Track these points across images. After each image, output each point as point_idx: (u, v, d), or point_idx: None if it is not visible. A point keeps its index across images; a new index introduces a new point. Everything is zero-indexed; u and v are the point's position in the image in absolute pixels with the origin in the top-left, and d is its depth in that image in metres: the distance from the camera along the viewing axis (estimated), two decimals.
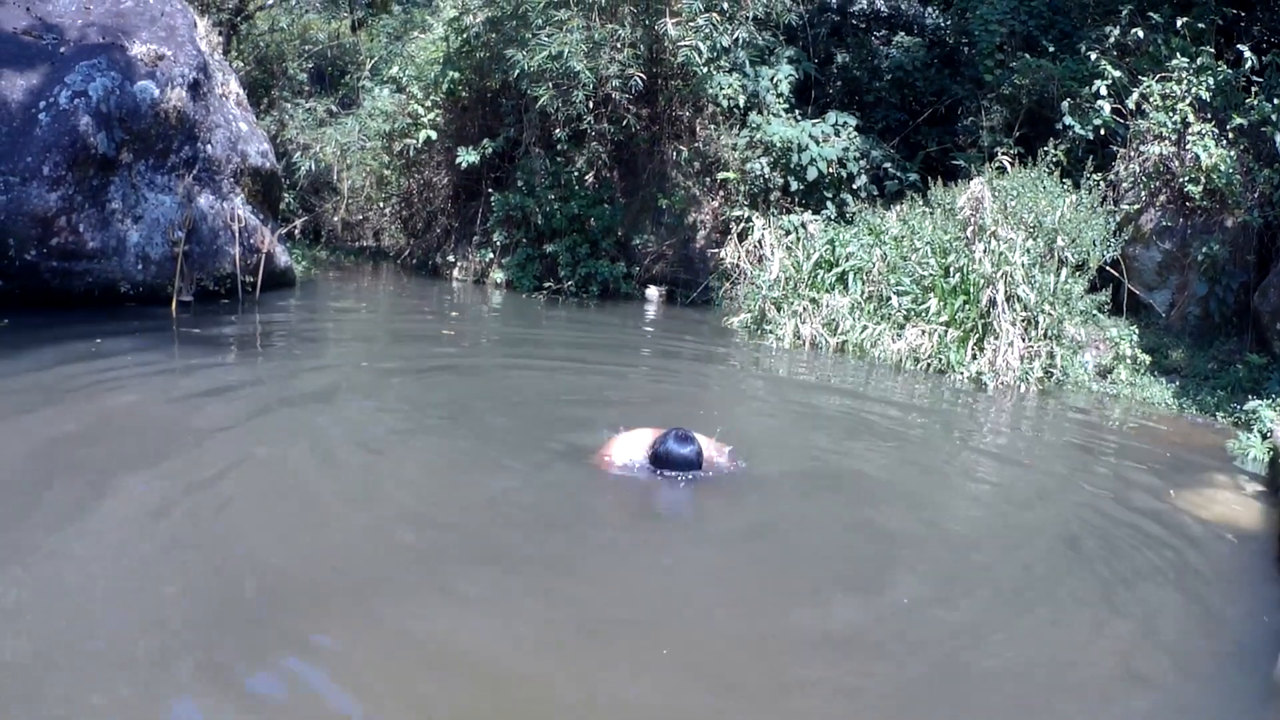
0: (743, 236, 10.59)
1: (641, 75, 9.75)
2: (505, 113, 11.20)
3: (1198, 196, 8.80)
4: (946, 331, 8.20)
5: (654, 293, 11.15)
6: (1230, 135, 8.86)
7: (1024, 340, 8.00)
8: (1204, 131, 8.83)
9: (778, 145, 10.69)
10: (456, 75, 11.16)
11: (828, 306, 8.89)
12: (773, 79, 11.28)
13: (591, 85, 9.57)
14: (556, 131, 10.17)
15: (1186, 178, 8.88)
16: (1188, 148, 8.96)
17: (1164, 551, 4.44)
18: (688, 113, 11.23)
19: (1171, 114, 9.07)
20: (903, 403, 7.17)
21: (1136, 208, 9.23)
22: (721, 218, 11.15)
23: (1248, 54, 8.96)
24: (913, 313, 8.49)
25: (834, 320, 8.80)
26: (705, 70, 10.19)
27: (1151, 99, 9.22)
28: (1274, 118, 8.52)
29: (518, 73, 9.72)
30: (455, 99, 11.51)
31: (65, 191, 7.06)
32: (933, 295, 8.41)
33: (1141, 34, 9.69)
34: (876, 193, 10.95)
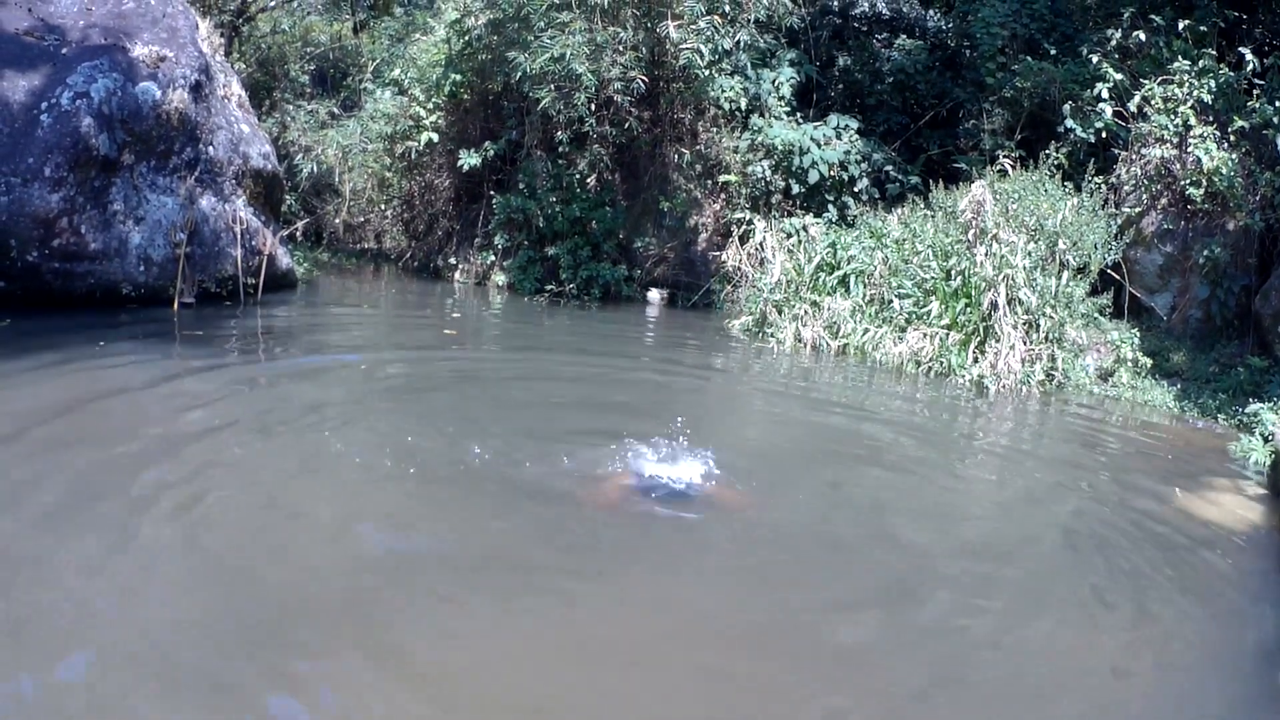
0: (744, 239, 10.59)
1: (643, 78, 9.75)
2: (507, 115, 11.21)
3: (1199, 199, 8.79)
4: (948, 334, 8.19)
5: (655, 296, 11.14)
6: (1232, 138, 8.86)
7: (1025, 343, 8.00)
8: (1205, 134, 8.83)
9: (779, 148, 10.69)
10: (458, 78, 11.18)
11: (829, 309, 8.88)
12: (774, 82, 11.28)
13: (593, 88, 9.57)
14: (558, 134, 10.17)
15: (1188, 181, 8.88)
16: (1189, 151, 8.96)
17: (1167, 555, 4.43)
18: (689, 115, 11.23)
19: (1173, 117, 9.07)
20: (904, 407, 7.15)
21: (1138, 211, 9.23)
22: (723, 221, 11.15)
23: (1249, 57, 8.96)
24: (914, 316, 8.49)
25: (835, 323, 8.80)
26: (707, 73, 10.20)
27: (1153, 102, 9.22)
28: (1275, 120, 8.51)
29: (519, 75, 9.73)
30: (457, 101, 11.52)
31: (67, 193, 7.06)
32: (934, 298, 8.41)
33: (1143, 37, 9.70)
34: (878, 196, 10.95)
